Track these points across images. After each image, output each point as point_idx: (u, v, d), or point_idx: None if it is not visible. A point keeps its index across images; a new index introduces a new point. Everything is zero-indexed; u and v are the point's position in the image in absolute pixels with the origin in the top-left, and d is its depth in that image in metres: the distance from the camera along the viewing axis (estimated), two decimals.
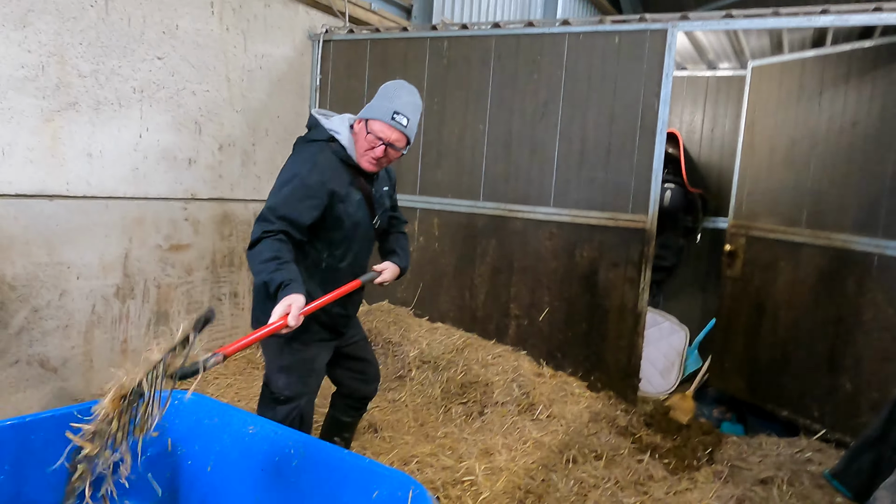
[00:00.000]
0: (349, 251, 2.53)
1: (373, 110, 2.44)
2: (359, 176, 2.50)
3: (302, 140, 2.53)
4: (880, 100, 3.69)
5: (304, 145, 2.48)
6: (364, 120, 2.45)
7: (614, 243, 4.03)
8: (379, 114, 2.42)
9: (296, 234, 2.30)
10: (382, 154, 2.42)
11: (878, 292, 3.63)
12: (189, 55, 4.02)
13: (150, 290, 4.00)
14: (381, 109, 2.42)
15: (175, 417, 2.04)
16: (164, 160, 3.97)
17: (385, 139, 2.40)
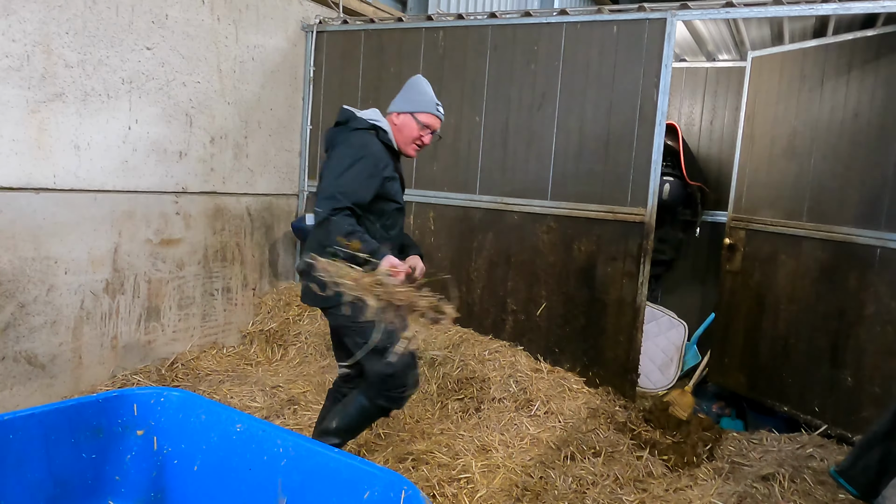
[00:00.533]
0: (396, 222, 2.85)
1: (416, 104, 2.78)
2: (397, 160, 2.84)
3: (346, 129, 2.73)
4: (883, 90, 3.62)
5: (354, 133, 2.70)
6: (409, 113, 2.77)
7: (613, 237, 3.97)
8: (425, 107, 2.78)
9: (357, 210, 2.58)
10: (428, 141, 2.84)
11: (880, 286, 3.57)
12: (179, 45, 3.94)
13: (141, 285, 3.93)
14: (424, 103, 2.78)
15: (161, 415, 1.98)
16: (154, 153, 3.90)
17: (433, 128, 2.81)
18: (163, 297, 4.07)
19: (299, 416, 3.69)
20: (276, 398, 3.88)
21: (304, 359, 4.46)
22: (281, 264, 4.97)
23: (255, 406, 3.78)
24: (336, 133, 2.76)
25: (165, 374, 4.02)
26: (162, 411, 1.98)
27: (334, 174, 2.57)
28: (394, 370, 2.63)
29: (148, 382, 3.89)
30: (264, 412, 3.69)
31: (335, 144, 2.71)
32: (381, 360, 2.60)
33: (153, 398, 1.96)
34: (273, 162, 4.77)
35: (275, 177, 4.80)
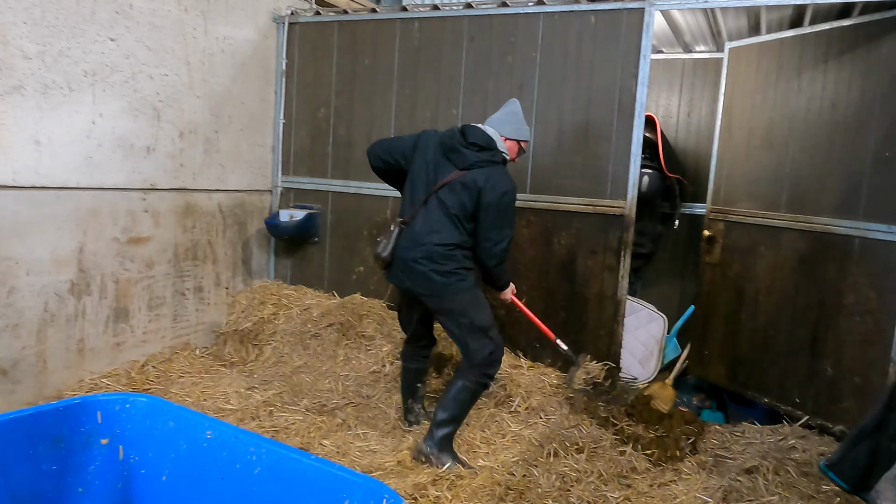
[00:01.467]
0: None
1: (522, 133, 3.25)
2: None
3: (493, 162, 3.12)
4: (860, 80, 3.62)
5: (501, 168, 3.15)
6: (516, 140, 3.24)
7: (593, 230, 3.92)
8: (527, 136, 3.30)
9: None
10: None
11: (859, 276, 3.58)
12: (145, 37, 3.80)
13: (108, 286, 3.79)
14: (526, 132, 3.28)
15: (127, 422, 1.87)
16: (121, 148, 3.76)
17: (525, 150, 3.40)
18: (131, 298, 3.94)
19: (275, 419, 3.58)
20: (251, 400, 3.77)
21: (279, 358, 4.35)
22: (255, 262, 4.85)
23: (229, 409, 3.67)
24: (478, 158, 3.07)
25: (136, 378, 3.88)
26: (128, 418, 1.87)
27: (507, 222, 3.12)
28: (494, 346, 3.15)
29: (117, 386, 3.75)
30: (239, 415, 3.58)
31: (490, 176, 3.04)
32: (485, 338, 3.12)
33: (118, 404, 1.86)
34: (245, 157, 4.64)
35: (247, 172, 4.68)
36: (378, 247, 3.22)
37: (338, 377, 4.10)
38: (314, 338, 4.39)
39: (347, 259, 4.73)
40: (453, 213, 3.07)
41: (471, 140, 3.10)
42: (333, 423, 3.60)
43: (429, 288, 3.10)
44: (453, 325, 3.17)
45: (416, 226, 3.13)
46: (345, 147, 4.68)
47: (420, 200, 3.14)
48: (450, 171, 3.10)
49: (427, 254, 3.06)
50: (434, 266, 3.06)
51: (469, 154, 3.08)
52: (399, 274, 3.18)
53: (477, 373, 3.15)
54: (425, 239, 3.08)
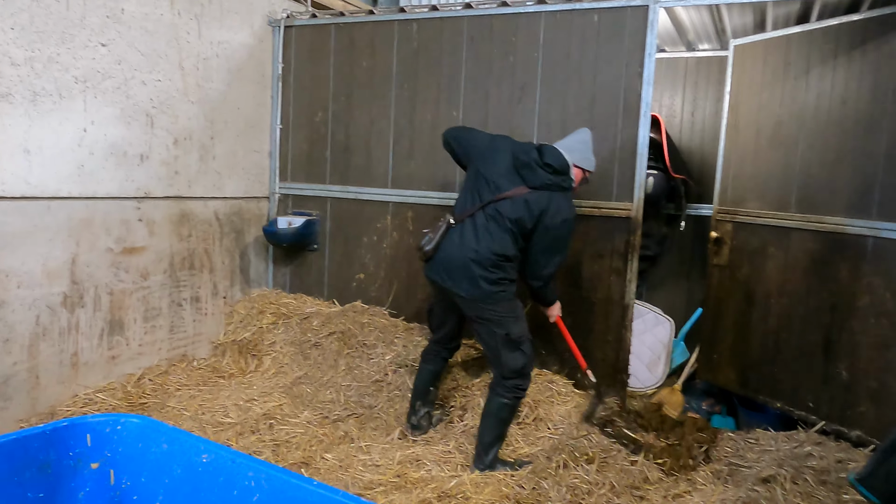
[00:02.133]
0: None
1: (590, 162, 3.27)
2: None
3: (559, 186, 3.13)
4: (871, 76, 3.53)
5: (568, 195, 3.18)
6: (582, 169, 3.25)
7: (599, 233, 3.83)
8: (593, 167, 3.31)
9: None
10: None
11: (874, 276, 3.48)
12: (137, 42, 3.71)
13: (102, 298, 3.69)
14: (593, 163, 3.30)
15: (118, 445, 1.77)
16: (113, 156, 3.66)
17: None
18: (126, 310, 3.83)
19: (276, 432, 3.49)
20: (251, 413, 3.67)
21: (279, 369, 4.25)
22: (253, 270, 4.75)
23: (228, 422, 3.57)
24: (551, 182, 3.10)
25: (132, 391, 3.78)
26: (119, 441, 1.77)
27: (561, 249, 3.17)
28: (526, 360, 3.16)
29: (113, 401, 3.65)
30: (238, 428, 3.48)
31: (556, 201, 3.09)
32: (517, 351, 3.13)
33: (109, 426, 1.76)
34: (242, 164, 4.54)
35: (244, 179, 4.58)
36: (423, 239, 3.23)
37: (339, 387, 4.00)
38: (314, 347, 4.29)
39: (347, 266, 4.63)
40: (510, 227, 3.08)
41: (546, 160, 3.13)
42: (335, 435, 3.51)
43: (470, 292, 3.09)
44: (488, 335, 3.18)
45: (471, 229, 3.13)
46: (343, 152, 4.58)
47: (478, 205, 3.15)
48: (517, 185, 3.12)
49: (478, 258, 3.06)
50: (482, 272, 3.06)
51: (542, 174, 3.11)
52: (441, 271, 3.17)
53: (509, 386, 3.16)
54: (479, 243, 3.08)
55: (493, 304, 3.11)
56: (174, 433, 1.72)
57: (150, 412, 3.64)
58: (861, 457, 3.23)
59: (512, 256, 3.11)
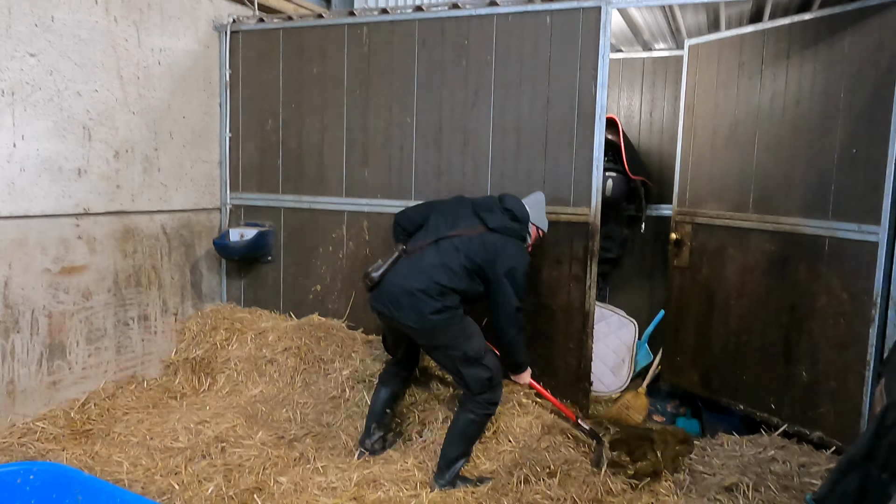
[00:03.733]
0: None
1: (544, 223, 3.41)
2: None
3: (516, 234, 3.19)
4: (823, 75, 3.52)
5: (522, 245, 3.23)
6: (537, 227, 3.35)
7: (557, 239, 3.76)
8: (546, 227, 3.43)
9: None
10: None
11: (831, 277, 3.47)
12: (70, 51, 3.53)
13: (40, 321, 3.50)
14: (546, 224, 3.42)
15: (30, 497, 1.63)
16: (47, 172, 3.47)
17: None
18: (67, 332, 3.65)
19: (228, 455, 3.34)
20: (202, 436, 3.51)
21: (234, 387, 4.10)
22: (205, 285, 4.58)
23: (177, 447, 3.41)
24: (510, 229, 3.16)
25: (75, 418, 3.60)
26: (31, 492, 1.63)
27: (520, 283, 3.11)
28: (491, 373, 3.09)
29: (54, 429, 3.47)
30: (188, 453, 3.33)
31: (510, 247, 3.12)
32: (478, 366, 3.07)
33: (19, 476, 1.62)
34: (190, 174, 4.37)
35: (192, 191, 4.41)
36: (371, 266, 3.19)
37: (296, 405, 3.87)
38: (270, 363, 4.15)
39: (303, 278, 4.49)
40: (464, 263, 3.07)
41: (507, 206, 3.20)
42: (291, 456, 3.37)
43: (418, 322, 3.02)
44: (445, 359, 3.15)
45: (422, 260, 3.09)
46: (296, 160, 4.44)
47: (432, 239, 3.14)
48: (475, 225, 3.15)
49: (424, 288, 3.00)
50: (428, 301, 3.00)
51: (502, 217, 3.16)
52: (386, 301, 3.09)
53: (481, 402, 3.11)
54: (427, 275, 3.03)
55: (442, 330, 3.05)
56: (89, 483, 1.59)
57: (95, 440, 3.47)
58: (823, 459, 3.22)
59: (460, 290, 3.07)
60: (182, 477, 3.12)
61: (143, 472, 3.16)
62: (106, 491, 1.56)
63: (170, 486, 3.04)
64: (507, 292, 3.06)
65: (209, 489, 3.01)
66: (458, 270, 3.06)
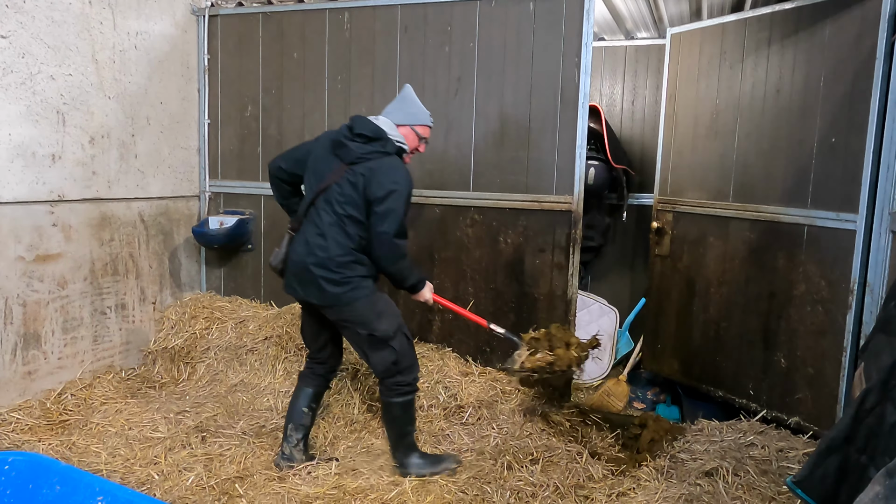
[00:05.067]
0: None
1: (415, 117, 2.98)
2: None
3: (376, 153, 2.83)
4: (804, 65, 3.54)
5: (391, 159, 2.84)
6: (409, 126, 2.97)
7: (540, 227, 3.76)
8: (423, 119, 3.01)
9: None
10: (423, 150, 3.09)
11: (809, 265, 3.51)
12: (43, 33, 3.44)
13: (14, 310, 3.43)
14: (422, 115, 3.00)
15: (7, 487, 1.59)
16: (20, 157, 3.39)
17: (427, 138, 3.06)
18: (42, 321, 3.58)
19: (209, 445, 3.31)
20: (182, 426, 3.48)
21: (214, 377, 4.06)
22: (184, 273, 4.52)
23: (157, 437, 3.37)
24: (364, 151, 2.82)
25: (51, 408, 3.54)
26: (7, 482, 1.60)
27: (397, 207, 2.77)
28: (396, 356, 2.93)
29: (29, 419, 3.41)
30: (168, 443, 3.30)
31: (378, 171, 2.78)
32: (385, 349, 2.91)
33: None
34: (167, 161, 4.30)
35: (171, 178, 4.34)
36: (272, 255, 3.08)
37: (277, 394, 3.85)
38: (251, 353, 4.12)
39: None
40: (341, 213, 2.81)
41: (357, 131, 2.84)
42: (273, 446, 3.35)
43: (321, 298, 2.86)
44: (353, 337, 2.99)
45: (305, 231, 2.91)
46: (276, 147, 4.38)
47: (308, 202, 2.92)
48: (336, 167, 2.85)
49: (318, 261, 2.83)
50: (325, 273, 2.83)
51: (355, 147, 2.82)
52: (294, 283, 2.96)
53: (390, 385, 2.99)
54: (316, 245, 2.84)
55: (348, 304, 2.86)
56: (68, 472, 1.56)
57: (72, 430, 3.42)
58: (800, 444, 3.26)
59: (354, 247, 2.83)
60: (162, 467, 3.08)
61: (121, 463, 3.12)
62: (84, 480, 1.53)
63: (149, 476, 3.01)
64: (381, 219, 2.76)
65: (189, 479, 2.98)
66: (340, 225, 2.81)
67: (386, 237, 2.77)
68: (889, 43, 3.10)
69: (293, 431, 3.13)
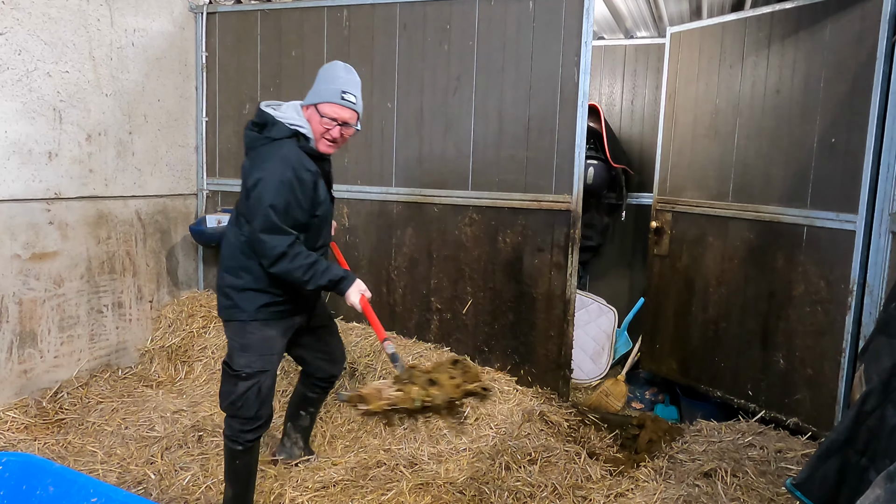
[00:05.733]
0: (322, 231, 2.66)
1: (319, 94, 2.51)
2: (319, 162, 2.59)
3: (264, 140, 2.50)
4: (804, 64, 3.53)
5: (273, 145, 2.47)
6: (312, 105, 2.52)
7: (538, 227, 3.74)
8: (328, 96, 2.50)
9: (300, 233, 2.51)
10: (339, 135, 2.54)
11: (808, 265, 3.50)
12: (39, 30, 3.42)
13: (10, 308, 3.42)
14: (328, 92, 2.50)
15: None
16: (17, 154, 3.37)
17: (339, 119, 2.50)
18: (39, 320, 3.56)
19: (205, 444, 3.30)
20: (179, 424, 3.47)
21: (211, 376, 4.05)
22: (181, 272, 4.50)
23: (153, 436, 3.36)
24: (255, 140, 2.53)
25: (47, 407, 3.53)
26: (1, 484, 1.58)
27: (263, 200, 2.38)
28: (236, 396, 2.57)
29: (25, 419, 3.40)
30: (165, 442, 3.28)
31: (254, 160, 2.50)
32: (234, 384, 2.57)
33: None
34: (165, 159, 4.28)
35: (168, 176, 4.32)
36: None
37: (276, 394, 3.83)
38: None
39: None
40: (237, 210, 2.59)
41: (253, 120, 2.56)
42: (269, 444, 3.34)
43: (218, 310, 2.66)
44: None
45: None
46: None
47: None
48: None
49: (219, 277, 2.63)
50: (218, 281, 2.63)
51: (249, 137, 2.55)
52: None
53: (225, 422, 2.63)
54: (222, 259, 2.64)
55: (225, 324, 2.63)
56: (61, 473, 1.54)
57: (68, 429, 3.40)
58: (799, 445, 3.26)
59: (241, 252, 2.53)
60: (158, 466, 3.08)
61: (117, 462, 3.11)
62: (78, 482, 1.51)
63: (145, 476, 2.99)
64: (250, 213, 2.43)
65: (186, 478, 2.97)
66: (237, 224, 2.56)
67: (254, 234, 2.42)
68: (889, 43, 3.09)
69: (291, 430, 3.15)
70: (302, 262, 2.43)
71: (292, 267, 2.43)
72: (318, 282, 2.46)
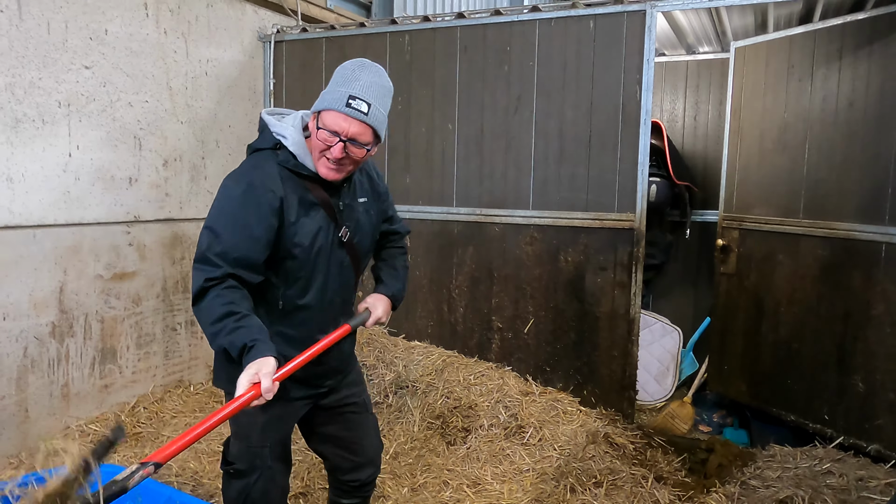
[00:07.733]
0: (312, 283, 1.97)
1: (323, 99, 1.85)
2: (318, 187, 1.93)
3: (248, 148, 2.01)
4: (878, 76, 3.41)
5: (249, 157, 1.97)
6: (316, 113, 1.86)
7: (601, 245, 3.71)
8: (330, 102, 1.81)
9: (249, 274, 1.81)
10: (342, 154, 1.83)
11: (888, 283, 3.35)
12: (122, 63, 3.62)
13: (93, 326, 3.60)
14: (333, 96, 1.82)
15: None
16: (100, 180, 3.57)
17: (342, 133, 1.80)
18: (118, 337, 3.74)
19: None
20: None
21: None
22: None
23: None
24: (250, 147, 2.04)
25: (126, 421, 3.68)
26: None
27: (207, 223, 1.85)
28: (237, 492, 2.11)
29: (106, 431, 3.55)
30: None
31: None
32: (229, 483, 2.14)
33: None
34: None
35: None
36: None
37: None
38: None
39: None
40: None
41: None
42: None
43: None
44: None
45: None
46: None
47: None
48: None
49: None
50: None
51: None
52: None
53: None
54: None
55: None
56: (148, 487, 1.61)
57: (145, 442, 3.54)
58: (882, 473, 3.10)
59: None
60: None
61: (190, 475, 3.21)
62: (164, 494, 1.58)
63: (217, 489, 3.08)
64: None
65: None
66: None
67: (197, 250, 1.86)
68: None
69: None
70: (216, 309, 1.73)
71: (201, 314, 1.79)
72: (219, 341, 1.74)
